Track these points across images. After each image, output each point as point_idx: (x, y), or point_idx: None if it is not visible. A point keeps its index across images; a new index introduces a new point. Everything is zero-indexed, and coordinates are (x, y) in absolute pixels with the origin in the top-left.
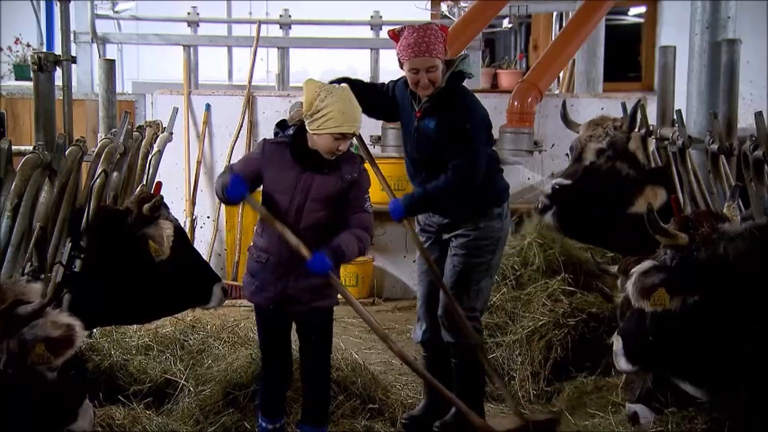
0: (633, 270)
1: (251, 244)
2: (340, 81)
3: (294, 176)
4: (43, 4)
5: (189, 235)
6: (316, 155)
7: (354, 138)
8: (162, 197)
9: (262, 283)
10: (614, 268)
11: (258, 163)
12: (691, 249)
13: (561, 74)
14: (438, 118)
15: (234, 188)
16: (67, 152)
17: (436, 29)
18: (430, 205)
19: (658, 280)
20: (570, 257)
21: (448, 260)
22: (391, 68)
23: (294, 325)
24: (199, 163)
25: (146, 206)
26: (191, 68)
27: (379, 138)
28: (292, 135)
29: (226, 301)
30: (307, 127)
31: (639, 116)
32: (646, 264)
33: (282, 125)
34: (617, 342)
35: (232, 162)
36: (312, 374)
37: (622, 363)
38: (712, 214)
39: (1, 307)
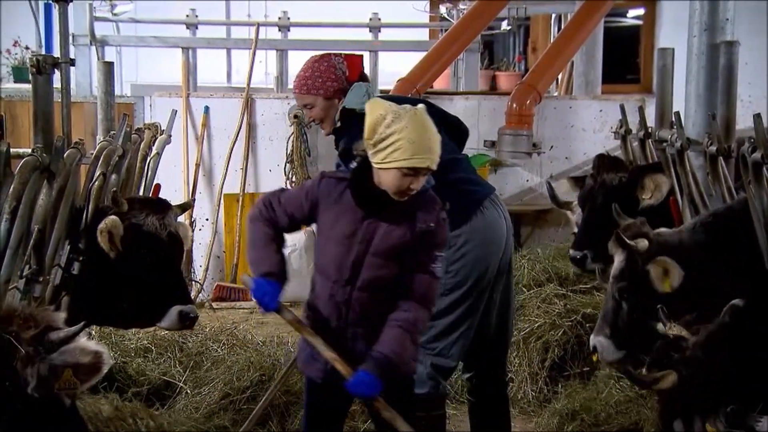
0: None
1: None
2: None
3: (354, 223)
4: (41, 6)
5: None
6: (383, 197)
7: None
8: (159, 187)
9: (313, 352)
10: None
11: (311, 203)
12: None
13: (560, 76)
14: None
15: (266, 300)
16: (65, 155)
17: (326, 62)
18: None
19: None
20: (557, 272)
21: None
22: (389, 70)
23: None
24: (197, 165)
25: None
26: (190, 70)
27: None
28: (353, 170)
29: (225, 304)
30: (370, 160)
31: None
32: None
33: (346, 155)
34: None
35: (231, 164)
36: None
37: None
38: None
39: (33, 332)
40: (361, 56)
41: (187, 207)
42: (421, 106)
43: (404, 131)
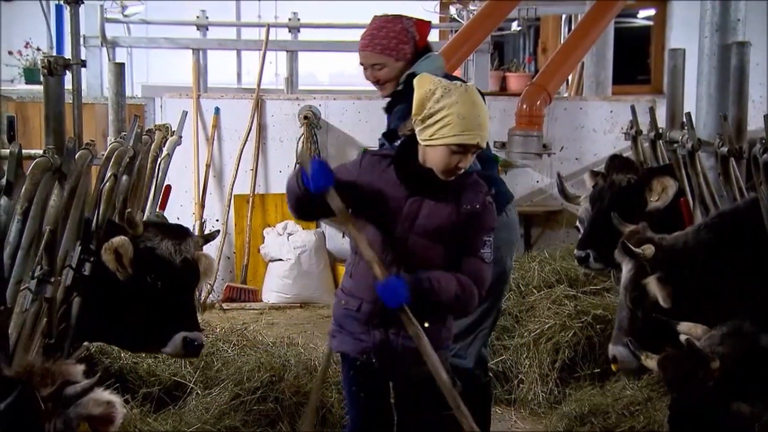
0: None
1: (339, 287)
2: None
3: (396, 200)
4: (53, 7)
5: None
6: (428, 175)
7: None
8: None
9: (352, 332)
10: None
11: (352, 178)
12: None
13: (570, 77)
14: (390, 122)
15: (318, 177)
16: (76, 156)
17: (399, 23)
18: None
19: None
20: (567, 273)
21: None
22: None
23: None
24: (208, 166)
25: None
26: (200, 71)
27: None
28: (398, 147)
29: (235, 304)
30: (417, 137)
31: None
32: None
33: (391, 136)
34: None
35: (242, 165)
36: None
37: None
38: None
39: (50, 389)
40: (430, 23)
41: (211, 238)
42: (471, 83)
43: (454, 106)
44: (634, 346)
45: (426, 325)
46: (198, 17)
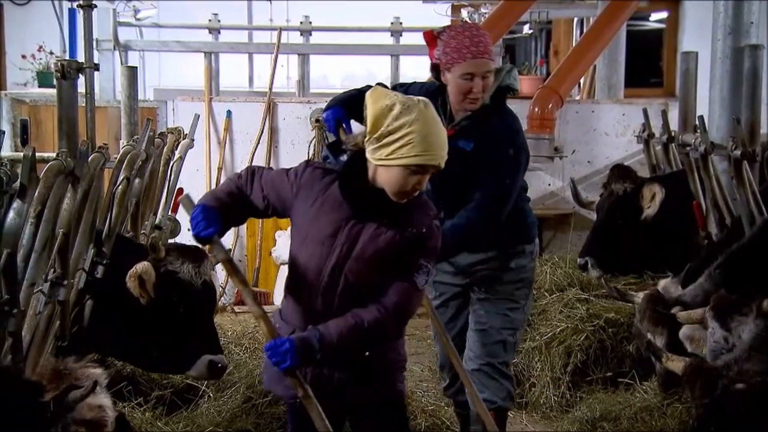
0: None
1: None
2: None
3: (337, 221)
4: (66, 11)
5: None
6: (375, 195)
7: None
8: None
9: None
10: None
11: (289, 190)
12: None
13: (582, 80)
14: (477, 139)
15: (197, 225)
16: (89, 159)
17: (484, 30)
18: (457, 248)
19: None
20: (579, 276)
21: (474, 309)
22: (410, 74)
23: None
24: (220, 169)
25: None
26: (212, 75)
27: None
28: (345, 164)
29: (245, 308)
30: (369, 156)
31: None
32: None
33: (334, 148)
34: None
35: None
36: None
37: None
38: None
39: (54, 393)
40: None
41: None
42: (426, 99)
43: (415, 124)
44: (655, 351)
45: (366, 354)
46: (210, 21)
